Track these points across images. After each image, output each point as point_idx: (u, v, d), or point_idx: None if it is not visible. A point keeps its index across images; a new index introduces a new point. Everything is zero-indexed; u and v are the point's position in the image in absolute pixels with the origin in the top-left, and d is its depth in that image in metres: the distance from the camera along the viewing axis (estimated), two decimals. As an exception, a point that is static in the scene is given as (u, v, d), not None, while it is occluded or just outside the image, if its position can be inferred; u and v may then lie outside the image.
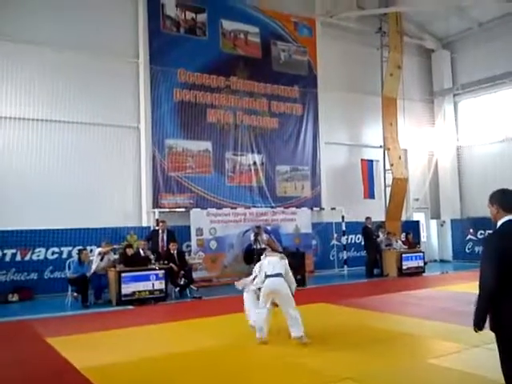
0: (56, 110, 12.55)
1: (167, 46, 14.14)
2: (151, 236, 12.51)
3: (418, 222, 18.97)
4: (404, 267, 14.59)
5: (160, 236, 12.39)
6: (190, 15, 14.70)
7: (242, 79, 15.38)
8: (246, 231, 14.14)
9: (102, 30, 13.24)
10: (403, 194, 17.43)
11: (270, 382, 5.32)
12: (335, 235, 16.29)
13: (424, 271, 15.08)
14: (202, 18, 14.88)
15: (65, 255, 12.06)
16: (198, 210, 13.81)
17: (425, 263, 15.38)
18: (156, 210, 13.32)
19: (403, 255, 14.71)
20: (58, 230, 12.04)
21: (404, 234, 16.34)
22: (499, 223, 3.65)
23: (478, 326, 3.53)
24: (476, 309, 3.57)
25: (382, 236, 15.25)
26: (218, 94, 14.94)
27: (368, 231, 15.29)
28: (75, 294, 10.74)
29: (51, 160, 12.42)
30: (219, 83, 14.98)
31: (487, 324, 3.55)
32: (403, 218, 17.84)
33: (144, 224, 13.42)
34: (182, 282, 11.61)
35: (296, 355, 6.11)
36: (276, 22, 16.25)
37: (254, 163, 15.36)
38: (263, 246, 13.64)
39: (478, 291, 3.55)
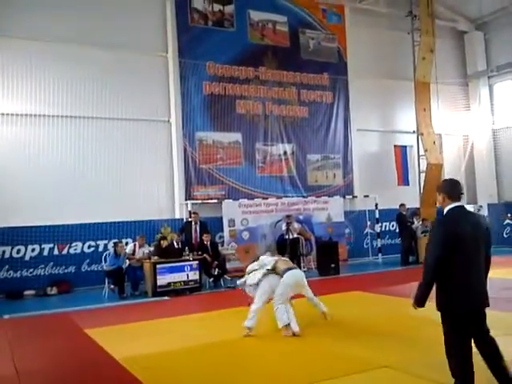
0: (89, 107, 12.75)
1: (195, 39, 14.18)
2: (184, 228, 12.65)
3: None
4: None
5: (193, 227, 12.52)
6: (217, 7, 14.69)
7: (271, 69, 15.32)
8: (278, 221, 14.15)
9: (130, 26, 13.34)
10: (438, 180, 17.02)
11: (309, 370, 5.31)
12: (369, 223, 16.12)
13: (461, 258, 14.76)
14: (229, 9, 14.85)
15: (101, 248, 12.33)
16: (230, 201, 13.88)
17: (462, 249, 15.05)
18: (189, 202, 13.45)
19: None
20: (94, 223, 12.32)
21: (440, 220, 16.01)
22: (445, 210, 4.10)
23: (419, 303, 4.00)
24: (418, 287, 3.99)
25: (417, 223, 15.02)
26: (247, 85, 14.92)
27: (402, 218, 15.07)
28: (112, 286, 10.96)
29: (86, 156, 12.65)
30: (248, 74, 14.96)
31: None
32: (437, 205, 17.51)
33: (177, 216, 13.58)
34: (215, 273, 11.73)
35: (332, 344, 6.09)
36: (304, 10, 16.09)
37: (285, 153, 15.31)
38: (295, 235, 13.66)
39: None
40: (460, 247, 3.90)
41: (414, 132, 17.38)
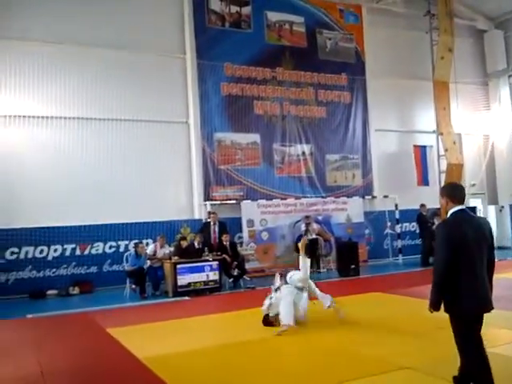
0: (108, 109, 12.88)
1: (213, 40, 14.25)
2: (203, 228, 12.70)
3: (474, 208, 18.36)
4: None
5: (212, 228, 12.58)
6: (234, 9, 14.74)
7: (288, 70, 15.32)
8: (297, 222, 14.14)
9: (149, 28, 13.46)
10: (458, 180, 16.87)
11: (329, 371, 5.31)
12: (389, 224, 16.02)
13: (482, 258, 14.59)
14: (246, 10, 14.90)
15: (122, 249, 12.46)
16: (249, 201, 13.91)
17: (483, 250, 14.87)
18: (207, 203, 13.51)
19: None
20: (115, 224, 12.45)
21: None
22: (449, 213, 4.14)
23: (434, 306, 4.04)
24: (431, 292, 4.07)
25: (437, 223, 14.86)
26: (265, 85, 14.94)
27: (423, 219, 14.95)
28: (133, 286, 11.07)
29: (107, 158, 12.77)
30: (265, 75, 14.98)
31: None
32: (459, 205, 17.30)
33: (196, 217, 13.64)
34: (235, 273, 11.76)
35: (352, 345, 6.06)
36: (321, 10, 16.07)
37: (303, 153, 15.29)
38: (314, 236, 13.64)
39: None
40: (463, 250, 3.96)
41: (433, 132, 17.25)
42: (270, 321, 7.22)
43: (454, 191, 4.25)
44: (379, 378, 4.96)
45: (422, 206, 15.02)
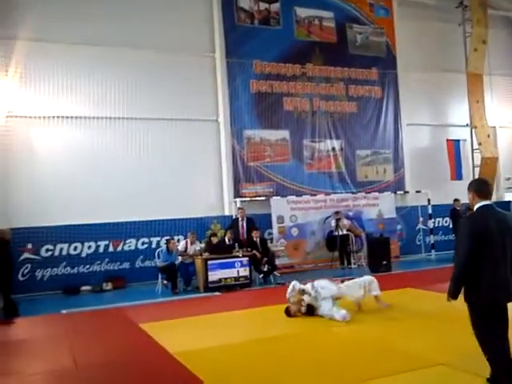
0: (139, 107, 13.05)
1: (242, 38, 14.27)
2: (232, 225, 12.75)
3: (509, 202, 17.95)
4: (496, 250, 13.89)
5: (240, 224, 12.63)
6: (263, 6, 14.72)
7: (318, 65, 15.22)
8: (327, 218, 14.07)
9: (178, 27, 13.56)
10: (493, 174, 16.55)
11: (365, 365, 5.30)
12: (421, 219, 15.78)
13: (518, 254, 14.26)
14: (275, 7, 14.86)
15: (154, 245, 12.62)
16: (278, 197, 13.90)
17: (519, 245, 14.53)
18: (237, 200, 13.56)
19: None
20: (146, 221, 12.61)
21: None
22: (475, 208, 4.31)
23: (453, 295, 4.22)
24: (451, 281, 4.21)
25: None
26: (294, 82, 14.89)
27: (456, 214, 14.65)
28: (165, 281, 11.18)
29: (138, 156, 12.96)
30: (295, 71, 14.92)
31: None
32: (494, 199, 16.97)
33: (226, 213, 13.71)
34: (265, 269, 11.77)
35: (389, 340, 6.01)
36: (351, 4, 15.90)
37: (333, 149, 15.19)
38: (345, 231, 13.56)
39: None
40: (487, 243, 4.07)
41: (467, 125, 16.92)
42: (291, 313, 7.54)
43: (480, 186, 4.39)
44: (414, 374, 4.93)
45: (456, 200, 14.73)
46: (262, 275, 11.81)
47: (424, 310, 7.74)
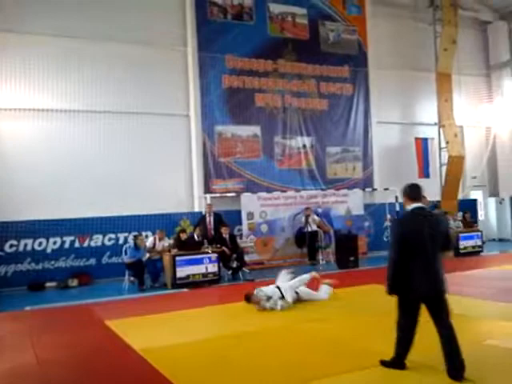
0: (108, 101, 12.87)
1: (215, 33, 14.17)
2: (200, 221, 12.67)
3: (475, 200, 18.35)
4: (461, 247, 14.20)
5: (207, 220, 12.57)
6: (236, 0, 14.65)
7: (290, 62, 15.25)
8: (297, 214, 14.14)
9: (150, 21, 13.42)
10: (460, 173, 16.89)
11: (327, 360, 5.37)
12: (389, 216, 15.96)
13: (482, 251, 14.62)
14: (248, 2, 14.80)
15: (121, 241, 12.48)
16: (249, 194, 13.90)
17: (483, 242, 14.89)
18: (207, 196, 13.51)
19: (460, 235, 14.30)
20: (114, 217, 12.45)
21: (461, 213, 15.86)
22: (407, 209, 4.78)
23: (391, 292, 4.63)
24: (387, 280, 4.61)
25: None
26: (266, 78, 14.88)
27: (423, 211, 14.87)
28: (132, 278, 11.10)
29: (106, 150, 12.78)
30: (267, 67, 14.91)
31: None
32: (460, 197, 17.31)
33: (196, 209, 13.65)
34: (234, 265, 11.78)
35: (352, 336, 6.06)
36: (324, 2, 15.95)
37: (304, 146, 15.25)
38: (314, 228, 13.64)
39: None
40: (415, 243, 4.50)
41: (435, 124, 17.19)
42: (251, 299, 7.82)
43: (411, 191, 4.84)
44: (374, 370, 4.97)
45: (424, 198, 14.94)
46: (230, 271, 11.80)
47: (388, 307, 7.81)
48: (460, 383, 4.40)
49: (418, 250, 4.51)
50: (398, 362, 4.80)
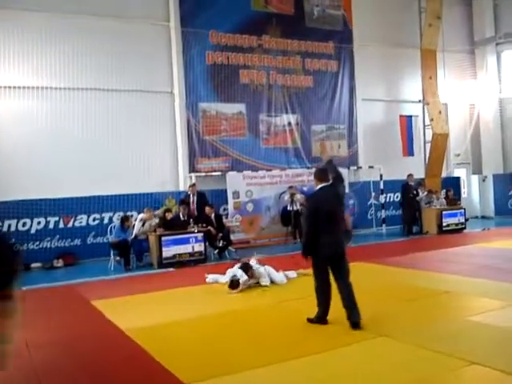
0: (91, 78, 12.61)
1: (198, 7, 13.90)
2: (184, 200, 12.57)
3: (458, 178, 18.53)
4: (444, 224, 14.37)
5: (191, 199, 12.51)
6: (219, -27, 14.35)
7: (275, 37, 15.06)
8: (282, 193, 14.14)
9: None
10: (443, 150, 17.00)
11: (309, 338, 5.42)
12: (373, 194, 16.09)
13: (465, 228, 14.82)
14: (232, -25, 14.51)
15: (106, 221, 12.40)
16: (234, 173, 13.85)
17: (466, 220, 15.08)
18: (192, 175, 13.43)
19: (443, 212, 14.45)
20: (98, 196, 12.34)
21: (444, 190, 16.02)
22: (317, 188, 5.88)
23: (306, 255, 5.74)
24: (303, 246, 5.86)
25: (421, 193, 14.98)
26: (251, 54, 14.70)
27: (408, 188, 14.99)
28: (117, 257, 11.06)
29: (90, 128, 12.57)
30: (251, 43, 14.72)
31: None
32: (443, 175, 17.46)
33: (181, 189, 13.56)
34: (220, 244, 11.79)
35: (334, 312, 6.08)
36: (309, -25, 15.71)
37: (289, 124, 15.18)
38: (299, 206, 13.67)
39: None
40: (323, 215, 5.59)
41: (419, 101, 17.20)
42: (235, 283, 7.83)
43: (320, 173, 5.98)
44: (358, 345, 5.08)
45: (410, 175, 15.06)
46: (216, 251, 11.82)
47: (372, 284, 7.93)
48: (359, 330, 5.45)
49: (325, 220, 5.56)
50: (322, 319, 5.77)
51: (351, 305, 5.58)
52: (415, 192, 14.96)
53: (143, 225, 11.36)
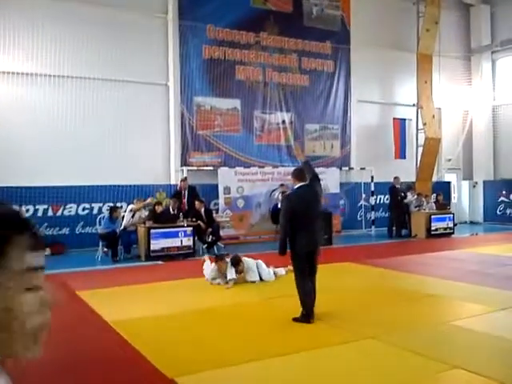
0: (86, 67, 12.50)
1: (196, 1, 13.83)
2: (176, 194, 12.53)
3: (449, 182, 18.64)
4: (433, 228, 14.46)
5: (182, 193, 12.47)
6: (220, -32, 14.30)
7: (272, 35, 15.03)
8: (273, 190, 14.14)
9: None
10: (435, 155, 17.08)
11: (295, 336, 5.42)
12: (363, 195, 16.13)
13: (453, 233, 14.91)
14: (232, -29, 14.46)
15: (95, 211, 12.33)
16: (226, 168, 13.83)
17: (454, 225, 15.18)
18: (184, 169, 13.38)
19: (432, 216, 14.54)
20: (88, 186, 12.26)
21: (434, 194, 16.11)
22: (294, 188, 6.10)
23: (281, 253, 5.94)
24: (279, 244, 5.94)
25: (410, 197, 15.05)
26: (248, 50, 14.66)
27: (394, 191, 15.07)
28: (105, 248, 11.01)
29: (82, 118, 12.48)
30: (249, 39, 14.68)
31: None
32: (434, 179, 17.56)
33: (172, 182, 13.51)
34: (209, 239, 11.77)
35: (321, 313, 6.12)
36: (308, -26, 15.70)
37: (283, 122, 15.17)
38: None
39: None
40: (299, 213, 5.78)
41: (413, 105, 17.26)
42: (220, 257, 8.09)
43: (297, 173, 6.12)
44: (344, 347, 5.08)
45: (396, 178, 15.14)
46: (205, 245, 11.80)
47: (359, 284, 7.98)
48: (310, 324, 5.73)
49: (302, 217, 5.76)
50: (307, 317, 5.82)
51: (312, 300, 5.91)
52: (403, 194, 15.03)
53: (133, 216, 11.32)
